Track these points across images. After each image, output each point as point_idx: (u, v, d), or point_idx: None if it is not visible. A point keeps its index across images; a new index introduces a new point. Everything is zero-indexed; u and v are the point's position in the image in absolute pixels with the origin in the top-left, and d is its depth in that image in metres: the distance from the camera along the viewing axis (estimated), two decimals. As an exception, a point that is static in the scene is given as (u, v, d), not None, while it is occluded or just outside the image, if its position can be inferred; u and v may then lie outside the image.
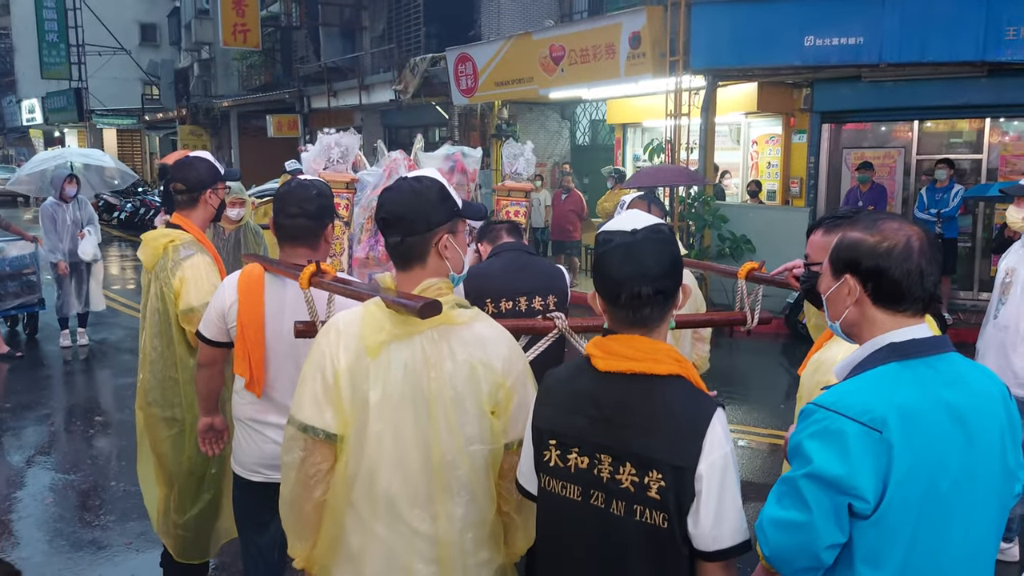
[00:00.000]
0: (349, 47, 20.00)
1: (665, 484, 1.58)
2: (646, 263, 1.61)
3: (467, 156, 4.30)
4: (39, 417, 6.43)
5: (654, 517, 1.60)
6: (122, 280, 13.08)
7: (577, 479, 1.69)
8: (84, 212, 8.40)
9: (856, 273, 1.59)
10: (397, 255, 1.91)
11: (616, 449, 1.63)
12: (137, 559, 4.08)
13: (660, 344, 1.65)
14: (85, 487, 5.03)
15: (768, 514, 1.55)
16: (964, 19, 8.63)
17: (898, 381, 1.51)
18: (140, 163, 35.71)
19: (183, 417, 3.19)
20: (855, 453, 1.45)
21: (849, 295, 1.61)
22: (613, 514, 1.64)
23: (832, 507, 1.47)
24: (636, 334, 1.65)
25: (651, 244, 1.63)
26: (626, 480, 1.62)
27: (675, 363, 1.63)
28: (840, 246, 1.63)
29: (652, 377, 1.62)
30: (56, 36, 27.42)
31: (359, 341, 1.86)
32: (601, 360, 1.66)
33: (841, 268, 1.62)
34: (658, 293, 1.61)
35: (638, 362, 1.62)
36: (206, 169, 3.21)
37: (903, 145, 10.87)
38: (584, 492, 1.68)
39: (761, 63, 9.91)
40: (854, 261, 1.59)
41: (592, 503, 1.67)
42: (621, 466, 1.63)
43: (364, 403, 1.84)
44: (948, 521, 1.50)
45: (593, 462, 1.66)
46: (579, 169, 14.71)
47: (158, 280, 3.12)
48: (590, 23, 11.56)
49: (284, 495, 1.94)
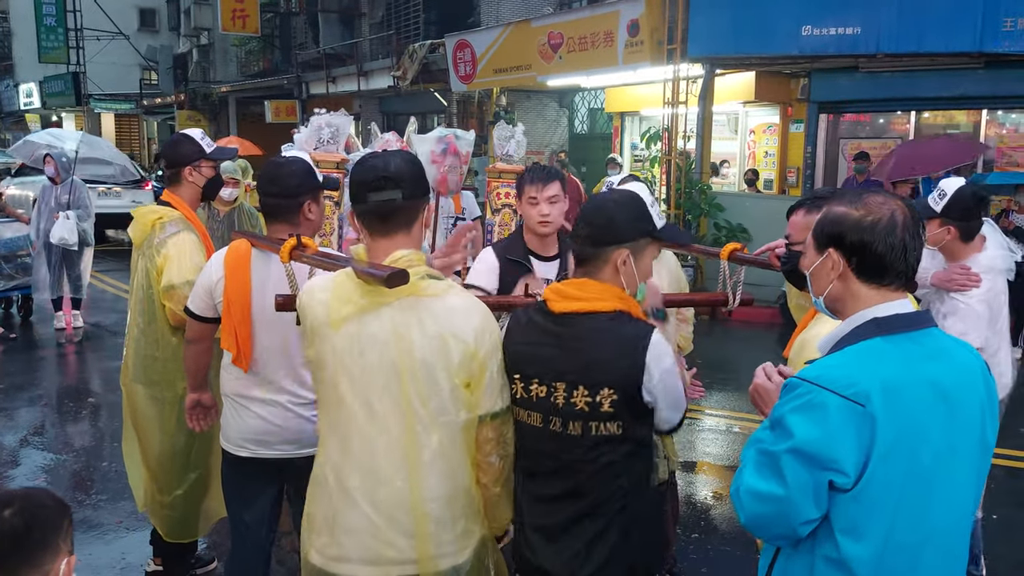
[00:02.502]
0: (348, 33, 19.92)
1: (617, 397, 1.85)
2: (585, 218, 1.96)
3: (460, 139, 4.30)
4: (32, 398, 6.45)
5: (610, 427, 1.88)
6: (118, 265, 13.08)
7: (538, 407, 1.93)
8: (75, 196, 8.17)
9: (840, 247, 1.59)
10: (384, 214, 1.87)
11: (570, 375, 1.88)
12: (127, 538, 4.10)
13: (607, 286, 1.91)
14: (77, 467, 5.06)
15: (746, 483, 1.55)
16: (962, 10, 8.61)
17: (882, 355, 1.52)
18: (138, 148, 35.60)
19: (164, 395, 3.20)
20: (837, 427, 1.45)
21: (833, 269, 1.61)
22: (571, 435, 1.90)
23: (812, 483, 1.47)
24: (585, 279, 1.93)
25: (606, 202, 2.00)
26: (580, 402, 1.87)
27: (618, 300, 1.90)
28: (824, 221, 1.63)
29: (598, 314, 1.88)
30: (54, 20, 27.24)
31: (327, 311, 1.86)
32: (556, 303, 1.92)
33: (825, 242, 1.62)
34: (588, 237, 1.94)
35: (587, 302, 1.88)
36: (187, 146, 3.22)
37: (900, 136, 10.86)
38: (544, 418, 1.93)
39: (759, 52, 9.90)
40: (838, 235, 1.59)
41: (551, 428, 1.92)
42: (574, 390, 1.88)
43: (335, 372, 1.85)
44: (929, 494, 1.51)
45: (550, 391, 1.90)
46: (577, 157, 14.70)
47: (145, 257, 3.12)
48: (589, 10, 11.52)
49: None
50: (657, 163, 11.26)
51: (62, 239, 7.96)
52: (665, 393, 1.88)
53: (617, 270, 1.91)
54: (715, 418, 6.14)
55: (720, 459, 5.40)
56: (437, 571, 1.87)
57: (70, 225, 8.01)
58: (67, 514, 1.62)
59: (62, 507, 1.63)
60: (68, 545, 1.61)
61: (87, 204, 8.35)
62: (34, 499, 1.60)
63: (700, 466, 5.28)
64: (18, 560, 1.54)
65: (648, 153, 12.04)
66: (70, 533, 1.62)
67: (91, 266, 8.69)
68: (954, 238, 3.22)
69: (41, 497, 1.62)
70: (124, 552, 3.96)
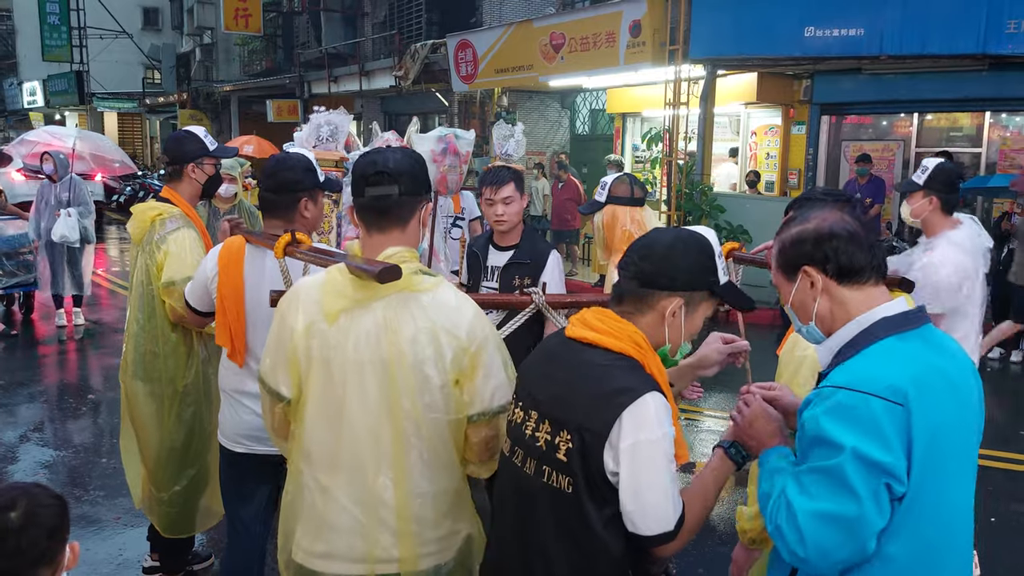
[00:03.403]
0: (350, 33, 19.95)
1: (573, 446, 1.57)
2: (649, 246, 1.70)
3: (460, 138, 4.29)
4: (32, 394, 6.46)
5: (559, 480, 1.59)
6: (121, 262, 13.10)
7: (511, 432, 1.74)
8: (74, 193, 8.18)
9: (812, 262, 1.59)
10: (380, 209, 1.84)
11: (543, 405, 1.66)
12: (125, 534, 4.10)
13: (629, 326, 1.65)
14: (76, 463, 5.06)
15: (806, 508, 1.45)
16: (965, 12, 8.60)
17: (904, 354, 1.50)
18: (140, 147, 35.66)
19: (163, 392, 3.20)
20: (887, 431, 1.42)
21: (813, 287, 1.60)
22: (526, 472, 1.66)
23: (877, 491, 1.42)
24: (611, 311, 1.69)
25: (676, 242, 1.71)
26: (542, 438, 1.63)
27: (633, 346, 1.62)
28: (785, 247, 1.64)
29: (603, 350, 1.62)
30: (58, 18, 27.32)
31: (318, 307, 1.84)
32: (572, 327, 1.71)
33: (795, 265, 1.62)
34: (633, 279, 1.69)
35: (598, 333, 1.65)
36: (190, 143, 3.22)
37: (903, 138, 10.85)
38: (512, 447, 1.72)
39: (761, 53, 9.89)
40: (806, 253, 1.60)
41: (514, 460, 1.70)
42: (541, 423, 1.64)
43: (324, 368, 1.83)
44: (950, 485, 1.50)
45: (525, 418, 1.69)
46: (578, 158, 14.69)
47: (144, 253, 3.13)
48: (591, 11, 11.52)
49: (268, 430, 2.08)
50: (658, 164, 11.26)
51: (63, 236, 7.95)
52: (634, 473, 1.52)
53: (662, 320, 1.66)
54: (713, 419, 6.13)
55: (719, 460, 5.39)
56: (419, 570, 1.85)
57: (71, 222, 8.00)
58: (66, 508, 1.67)
59: (61, 503, 1.66)
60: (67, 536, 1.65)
61: (87, 201, 8.37)
62: (36, 499, 1.63)
63: (698, 467, 5.28)
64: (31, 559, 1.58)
65: (649, 154, 12.04)
66: (68, 525, 1.67)
67: (92, 262, 8.71)
68: (935, 208, 3.45)
69: (41, 496, 1.65)
70: (122, 548, 3.96)
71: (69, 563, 1.66)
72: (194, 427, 3.24)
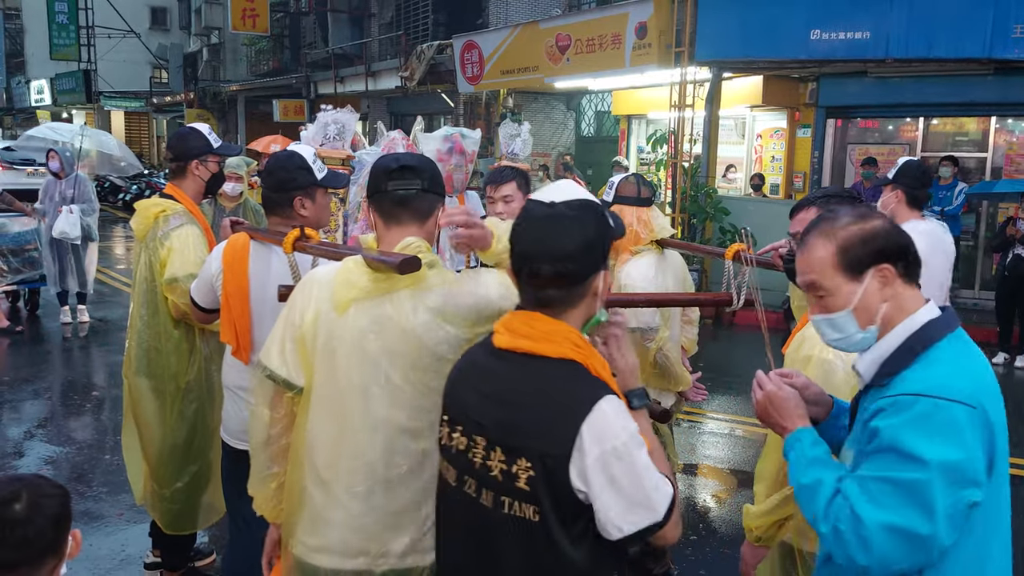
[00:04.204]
0: (357, 33, 19.99)
1: (535, 474, 1.43)
2: (550, 240, 1.45)
3: (466, 138, 4.30)
4: (37, 391, 6.48)
5: (524, 510, 1.45)
6: (126, 260, 13.14)
7: (456, 461, 1.57)
8: (79, 190, 8.20)
9: (888, 259, 1.51)
10: (402, 200, 1.86)
11: (491, 432, 1.50)
12: (128, 530, 4.11)
13: (561, 326, 1.49)
14: (79, 459, 5.08)
15: (873, 518, 1.39)
16: (972, 16, 8.58)
17: (966, 355, 1.48)
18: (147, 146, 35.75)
19: (166, 388, 3.20)
20: (972, 440, 1.38)
21: (887, 286, 1.51)
22: (483, 504, 1.51)
23: (955, 508, 1.38)
24: (539, 312, 1.51)
25: (562, 221, 1.46)
26: (496, 467, 1.48)
27: (572, 347, 1.47)
28: (852, 246, 1.51)
29: (542, 359, 1.47)
30: (66, 17, 27.43)
31: (329, 297, 1.84)
32: (498, 335, 1.55)
33: (865, 264, 1.51)
34: (560, 276, 1.46)
35: (531, 341, 1.48)
36: (195, 140, 3.23)
37: (908, 142, 10.83)
38: (459, 477, 1.56)
39: (767, 56, 9.88)
40: (879, 250, 1.50)
41: (465, 490, 1.54)
42: (492, 451, 1.48)
43: (329, 359, 1.83)
44: (1002, 485, 1.49)
45: (470, 444, 1.53)
46: (584, 160, 14.69)
47: (147, 250, 3.13)
48: (598, 12, 11.53)
49: (252, 434, 1.97)
50: (663, 166, 11.25)
51: (63, 232, 7.97)
52: (608, 484, 1.40)
53: (594, 298, 1.52)
54: (717, 421, 6.13)
55: (721, 462, 5.39)
56: (422, 566, 1.85)
57: (73, 219, 8.03)
58: (68, 498, 1.69)
59: (64, 492, 1.68)
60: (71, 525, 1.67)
61: (92, 199, 8.40)
62: (39, 490, 1.65)
63: (701, 469, 5.27)
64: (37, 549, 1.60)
65: (654, 156, 12.03)
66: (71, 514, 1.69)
67: (96, 261, 8.74)
68: (900, 201, 3.79)
69: (44, 486, 1.67)
70: (124, 544, 3.98)
71: (72, 551, 1.68)
72: (196, 424, 3.25)
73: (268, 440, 1.94)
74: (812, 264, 1.55)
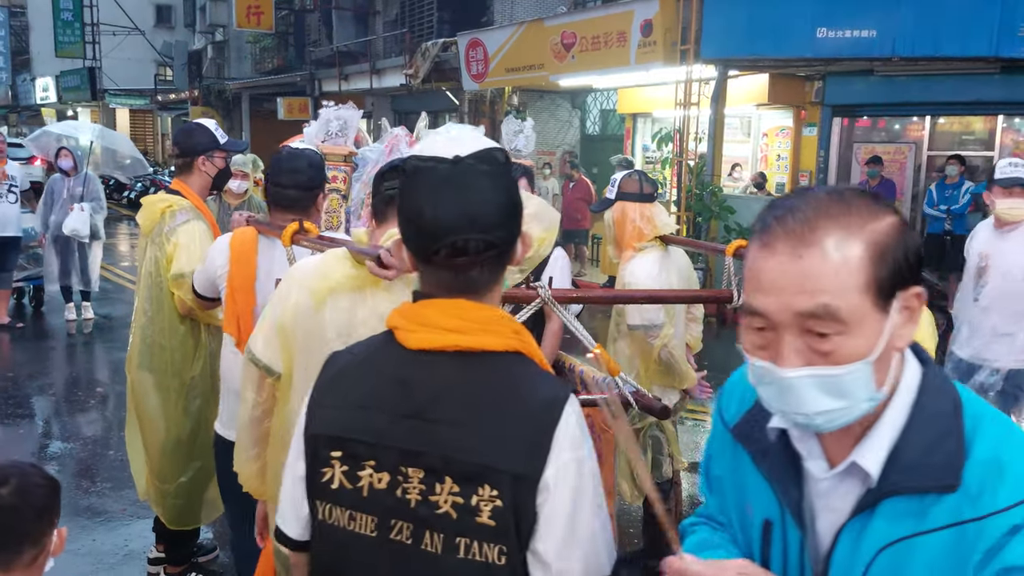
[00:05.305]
0: (362, 31, 20.00)
1: (503, 504, 1.13)
2: (474, 207, 1.15)
3: (469, 135, 4.30)
4: (41, 387, 6.49)
5: (486, 552, 1.14)
6: (130, 257, 13.16)
7: (372, 505, 1.21)
8: (88, 188, 8.25)
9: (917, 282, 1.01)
10: (390, 201, 1.88)
11: (431, 459, 1.17)
12: (131, 526, 4.11)
13: (495, 311, 1.22)
14: (83, 455, 5.08)
15: None
16: (978, 14, 8.54)
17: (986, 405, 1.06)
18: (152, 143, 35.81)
19: (170, 383, 3.20)
20: None
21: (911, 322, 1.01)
22: (426, 552, 1.17)
23: None
24: (462, 299, 1.21)
25: (481, 180, 1.16)
26: (445, 502, 1.16)
27: (514, 335, 1.21)
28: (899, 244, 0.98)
29: (484, 355, 1.18)
30: (71, 15, 27.49)
31: (308, 288, 1.87)
32: (411, 333, 1.21)
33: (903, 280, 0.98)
34: (490, 247, 1.17)
35: (465, 335, 1.18)
36: (202, 136, 3.23)
37: (915, 142, 10.80)
38: (382, 523, 1.20)
39: (773, 54, 9.84)
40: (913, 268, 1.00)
41: (393, 538, 1.19)
42: (438, 483, 1.16)
43: (307, 347, 1.85)
44: None
45: (396, 479, 1.19)
46: (589, 159, 14.67)
47: (153, 245, 3.13)
48: (603, 10, 11.50)
49: (240, 416, 2.05)
50: (668, 165, 11.24)
51: (75, 230, 8.01)
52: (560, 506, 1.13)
53: (505, 271, 1.26)
54: (722, 420, 6.10)
55: (726, 461, 5.37)
56: None
57: (84, 217, 8.07)
58: (57, 491, 1.68)
59: (53, 484, 1.68)
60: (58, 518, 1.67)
61: (100, 197, 8.47)
62: (28, 478, 1.64)
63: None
64: (16, 536, 1.59)
65: (659, 155, 12.01)
66: (59, 507, 1.69)
67: (100, 259, 8.76)
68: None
69: (33, 475, 1.67)
70: (127, 539, 3.98)
71: (56, 548, 1.66)
72: (200, 420, 3.24)
73: (251, 421, 2.01)
74: (823, 277, 0.94)
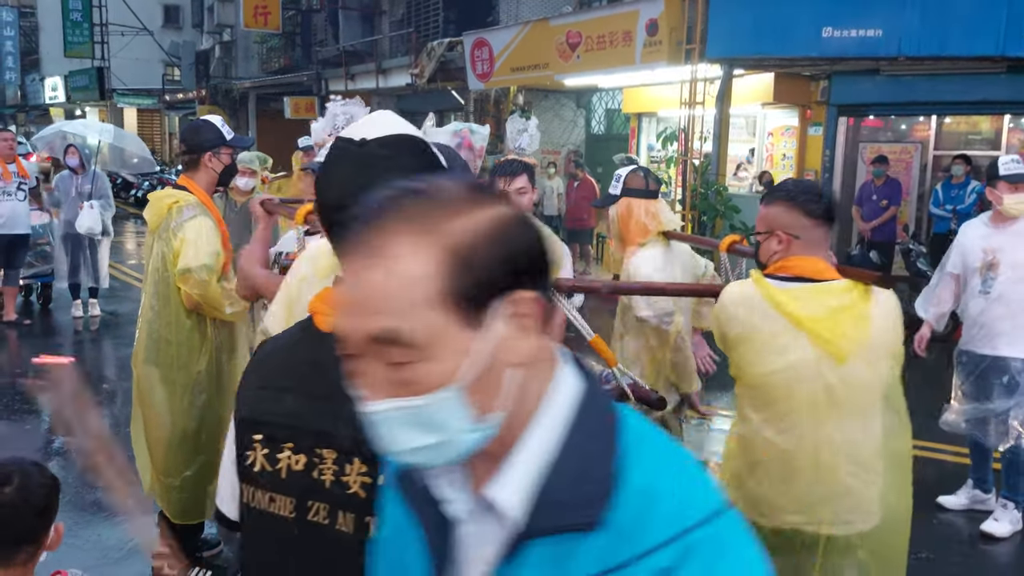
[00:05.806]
0: (368, 31, 20.04)
1: None
2: (362, 185, 1.04)
3: (474, 133, 4.32)
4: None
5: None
6: (137, 255, 13.21)
7: (290, 487, 1.20)
8: (96, 186, 8.31)
9: (526, 279, 0.84)
10: None
11: (344, 439, 1.15)
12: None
13: None
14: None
15: None
16: (984, 14, 8.53)
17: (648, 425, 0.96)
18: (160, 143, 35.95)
19: (176, 378, 3.22)
20: None
21: (527, 332, 0.83)
22: (340, 532, 1.15)
23: None
24: None
25: (375, 164, 1.14)
26: (355, 483, 1.14)
27: None
28: (488, 241, 0.79)
29: None
30: (80, 15, 27.64)
31: (317, 262, 1.91)
32: (326, 317, 1.19)
33: (500, 285, 0.80)
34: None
35: None
36: (208, 132, 3.25)
37: (921, 141, 10.77)
38: (300, 504, 1.19)
39: (778, 54, 9.84)
40: (524, 259, 0.85)
41: (311, 519, 1.19)
42: (348, 463, 1.15)
43: None
44: None
45: (312, 461, 1.18)
46: (594, 158, 14.67)
47: (160, 240, 3.16)
48: (608, 9, 11.52)
49: None
50: (673, 164, 11.23)
51: (90, 229, 8.09)
52: None
53: None
54: (725, 418, 6.11)
55: (729, 459, 5.37)
56: None
57: (95, 214, 8.14)
58: (58, 490, 1.70)
59: (54, 483, 1.69)
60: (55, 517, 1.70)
61: (108, 195, 8.55)
62: (30, 477, 1.67)
63: (709, 466, 5.26)
64: (15, 534, 1.61)
65: (664, 154, 12.01)
66: (57, 506, 1.72)
67: (108, 256, 8.81)
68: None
69: (35, 474, 1.68)
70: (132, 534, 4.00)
71: (52, 543, 1.68)
72: (206, 414, 3.27)
73: None
74: (386, 295, 0.76)
